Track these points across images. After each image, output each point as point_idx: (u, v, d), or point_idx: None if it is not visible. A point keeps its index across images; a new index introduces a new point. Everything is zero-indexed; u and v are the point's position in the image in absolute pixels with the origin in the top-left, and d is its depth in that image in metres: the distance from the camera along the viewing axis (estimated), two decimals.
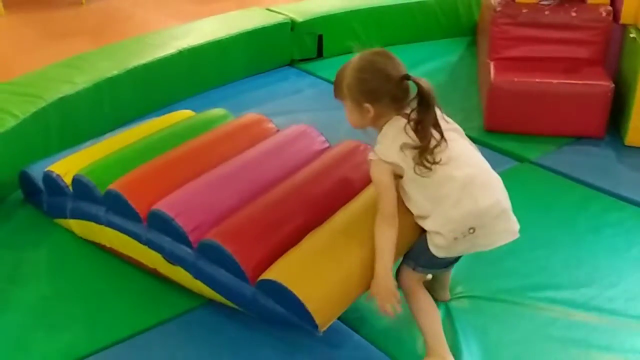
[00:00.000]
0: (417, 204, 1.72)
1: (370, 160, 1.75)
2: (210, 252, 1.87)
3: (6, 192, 2.56)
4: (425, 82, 1.68)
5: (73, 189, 2.24)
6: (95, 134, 2.72)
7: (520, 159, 2.84)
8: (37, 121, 2.66)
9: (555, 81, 2.92)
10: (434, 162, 1.67)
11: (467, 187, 1.68)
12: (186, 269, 1.94)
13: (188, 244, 1.92)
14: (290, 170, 2.14)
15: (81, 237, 2.32)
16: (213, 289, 1.90)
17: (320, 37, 3.92)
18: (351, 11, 4.01)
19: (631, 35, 2.95)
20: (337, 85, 1.80)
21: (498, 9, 3.13)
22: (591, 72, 2.98)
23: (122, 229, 2.09)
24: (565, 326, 1.95)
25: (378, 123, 1.77)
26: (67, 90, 2.84)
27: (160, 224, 1.96)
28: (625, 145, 2.91)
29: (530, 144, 2.92)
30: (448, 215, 1.68)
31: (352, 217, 1.89)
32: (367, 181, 1.93)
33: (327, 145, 2.33)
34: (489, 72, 3.00)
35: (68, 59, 3.17)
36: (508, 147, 2.90)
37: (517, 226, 1.77)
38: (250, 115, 2.51)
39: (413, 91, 1.73)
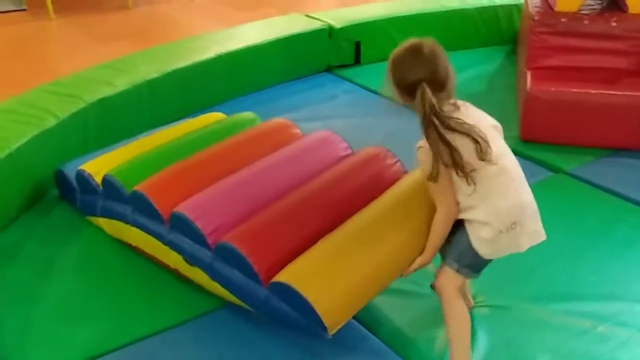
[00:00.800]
0: (466, 193, 1.71)
1: (419, 147, 1.73)
2: (227, 254, 1.90)
3: (45, 190, 2.63)
4: (427, 101, 1.65)
5: (103, 188, 2.30)
6: (133, 135, 2.76)
7: (555, 170, 2.80)
8: (76, 121, 2.73)
9: (593, 91, 2.88)
10: (483, 160, 1.66)
11: (514, 182, 1.73)
12: (204, 270, 1.98)
13: (206, 246, 1.95)
14: (309, 175, 2.16)
15: (110, 236, 2.37)
16: (228, 290, 1.94)
17: (357, 44, 3.93)
18: (389, 18, 4.01)
19: None
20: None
21: (536, 17, 3.10)
22: (631, 83, 2.93)
23: (146, 229, 2.14)
24: (592, 339, 1.92)
25: (414, 108, 1.72)
26: (107, 91, 2.91)
27: (181, 225, 2.00)
28: None
29: (567, 154, 2.88)
30: (497, 206, 1.70)
31: (365, 222, 1.90)
32: (385, 187, 1.97)
33: (349, 151, 2.33)
34: (526, 82, 2.97)
35: (110, 61, 3.24)
36: (544, 157, 2.87)
37: (543, 229, 1.80)
38: (276, 120, 2.53)
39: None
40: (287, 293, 1.76)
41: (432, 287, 1.88)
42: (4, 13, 4.80)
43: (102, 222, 2.36)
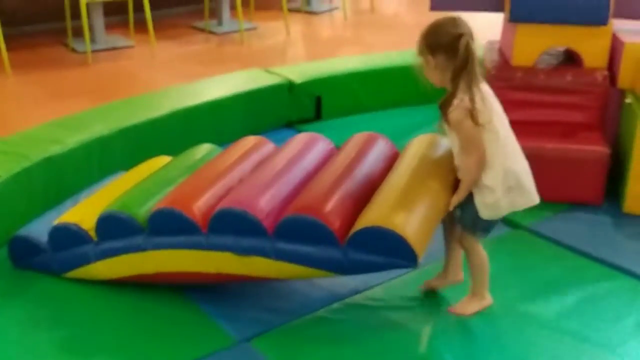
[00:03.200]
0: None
1: (454, 109, 2.00)
2: (293, 229, 2.01)
3: None
4: (469, 42, 1.98)
5: (101, 229, 2.28)
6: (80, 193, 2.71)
7: (514, 225, 2.76)
8: (20, 181, 2.64)
9: (550, 146, 2.86)
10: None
11: (507, 147, 2.08)
12: (265, 255, 2.05)
13: (263, 231, 2.04)
14: (323, 162, 2.39)
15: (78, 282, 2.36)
16: (298, 263, 2.03)
17: (318, 99, 3.91)
18: (350, 73, 4.01)
19: (627, 101, 2.89)
20: (416, 46, 2.10)
21: (493, 71, 3.09)
22: (588, 137, 2.91)
23: (174, 246, 2.16)
24: None
25: (446, 78, 2.04)
26: (54, 150, 2.83)
27: (227, 222, 2.07)
28: (624, 213, 2.82)
29: (526, 209, 2.81)
30: (497, 170, 2.03)
31: (403, 176, 2.12)
32: (390, 156, 2.38)
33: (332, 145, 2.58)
34: None
35: (62, 118, 3.18)
36: None
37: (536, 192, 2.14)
38: (251, 138, 2.68)
39: None
40: (370, 239, 1.91)
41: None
42: None
43: (100, 266, 2.31)
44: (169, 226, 2.16)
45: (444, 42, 2.01)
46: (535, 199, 2.14)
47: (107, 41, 5.44)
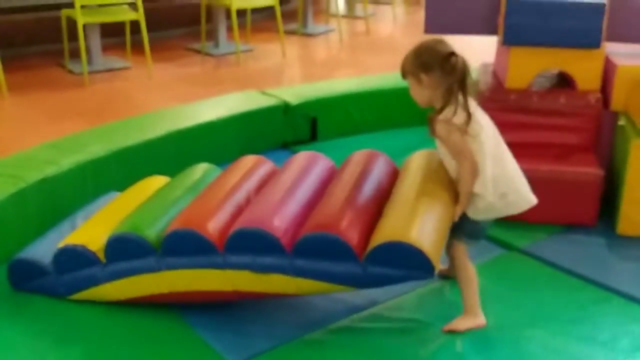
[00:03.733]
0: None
1: (441, 120, 2.13)
2: (311, 247, 2.06)
3: None
4: (463, 59, 2.12)
5: (111, 250, 2.29)
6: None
7: (508, 247, 2.76)
8: (15, 202, 2.64)
9: (543, 168, 2.87)
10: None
11: (493, 154, 2.17)
12: (284, 273, 2.10)
13: (281, 249, 2.08)
14: (329, 179, 2.46)
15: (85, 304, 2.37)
16: (318, 279, 2.08)
17: (314, 120, 3.93)
18: (346, 94, 4.03)
19: (620, 123, 2.91)
20: (401, 67, 2.22)
21: (487, 94, 3.11)
22: (581, 159, 2.93)
23: (190, 266, 2.18)
24: None
25: (436, 95, 2.16)
26: (50, 171, 2.83)
27: (245, 241, 2.11)
28: (618, 235, 2.82)
29: (519, 231, 2.84)
30: (486, 178, 2.13)
31: (412, 189, 2.20)
32: (391, 173, 2.45)
33: (333, 165, 2.63)
34: None
35: (57, 139, 3.19)
36: (496, 233, 2.80)
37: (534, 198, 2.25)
38: (250, 157, 2.72)
39: None
40: (387, 253, 1.98)
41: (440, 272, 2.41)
42: None
43: (109, 287, 2.32)
44: (185, 246, 2.19)
45: (439, 60, 2.12)
46: (532, 200, 2.23)
47: (104, 63, 5.47)
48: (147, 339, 2.23)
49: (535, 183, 2.80)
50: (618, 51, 3.11)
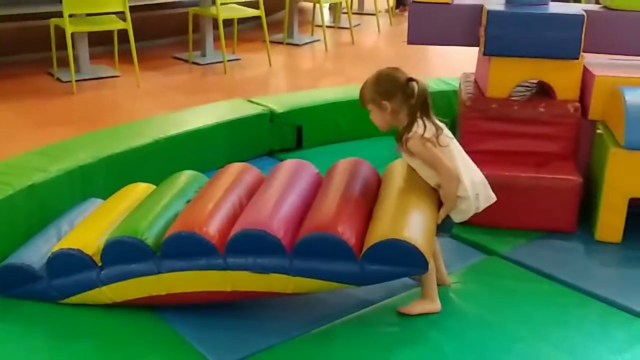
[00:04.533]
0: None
1: (410, 137, 2.29)
2: (310, 247, 2.16)
3: None
4: (422, 82, 2.31)
5: (108, 254, 2.32)
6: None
7: (489, 252, 2.82)
8: (3, 209, 2.66)
9: (524, 175, 2.93)
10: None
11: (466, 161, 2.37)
12: (284, 272, 2.19)
13: (282, 250, 2.17)
14: (317, 185, 2.55)
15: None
16: (317, 278, 2.18)
17: (299, 128, 3.98)
18: (331, 103, 4.08)
19: (598, 131, 2.98)
20: (361, 96, 2.41)
21: (468, 103, 3.18)
22: (561, 167, 2.99)
23: (190, 268, 2.24)
24: None
25: (398, 118, 2.34)
26: (37, 178, 2.85)
27: (246, 243, 2.19)
28: (596, 240, 2.89)
29: (500, 237, 2.90)
30: (471, 181, 2.31)
31: (400, 188, 2.36)
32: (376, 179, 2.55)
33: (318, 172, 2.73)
34: None
35: (45, 146, 3.21)
36: (477, 239, 2.88)
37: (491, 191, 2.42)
38: (237, 165, 2.77)
39: None
40: (383, 251, 2.10)
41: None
42: None
43: (106, 290, 2.35)
44: (185, 249, 2.24)
45: (399, 86, 2.30)
46: (493, 197, 2.43)
47: (92, 71, 5.51)
48: (134, 341, 2.26)
49: (516, 190, 2.90)
50: (596, 62, 3.20)
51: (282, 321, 2.34)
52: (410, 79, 2.30)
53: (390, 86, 2.32)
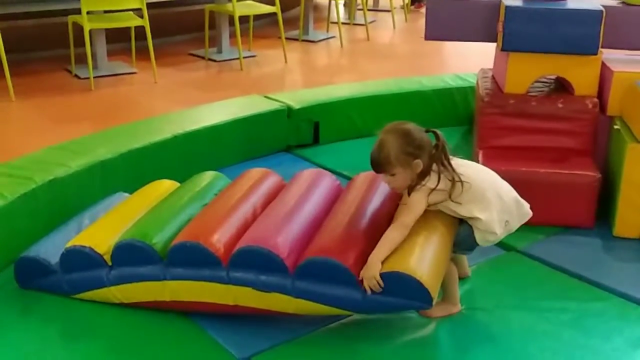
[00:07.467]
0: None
1: (420, 188, 2.18)
2: (314, 270, 2.11)
3: None
4: (439, 133, 2.23)
5: (118, 256, 2.33)
6: None
7: (507, 248, 2.82)
8: (26, 202, 2.70)
9: (542, 170, 2.94)
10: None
11: (492, 190, 2.26)
12: (285, 293, 2.15)
13: (285, 269, 2.13)
14: (332, 200, 2.52)
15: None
16: (319, 302, 2.13)
17: (316, 124, 3.99)
18: (348, 99, 4.10)
19: (616, 127, 2.98)
20: (383, 162, 2.18)
21: (486, 99, 3.18)
22: (578, 162, 2.99)
23: (194, 277, 2.23)
24: None
25: (414, 175, 2.19)
26: (59, 172, 2.89)
27: (250, 259, 2.16)
28: (614, 236, 2.88)
29: (519, 233, 2.83)
30: (492, 217, 2.22)
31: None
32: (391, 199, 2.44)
33: (338, 181, 2.73)
34: (478, 161, 3.02)
35: (65, 142, 3.25)
36: None
37: (527, 206, 2.34)
38: (257, 170, 2.80)
39: None
40: (387, 282, 2.02)
41: None
42: None
43: (114, 290, 2.36)
44: (190, 258, 2.23)
45: (426, 139, 2.20)
46: (528, 213, 2.35)
47: (109, 68, 5.54)
48: (153, 335, 2.28)
49: (534, 185, 2.89)
50: (614, 57, 3.19)
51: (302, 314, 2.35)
52: (428, 130, 2.22)
53: (419, 142, 2.17)
